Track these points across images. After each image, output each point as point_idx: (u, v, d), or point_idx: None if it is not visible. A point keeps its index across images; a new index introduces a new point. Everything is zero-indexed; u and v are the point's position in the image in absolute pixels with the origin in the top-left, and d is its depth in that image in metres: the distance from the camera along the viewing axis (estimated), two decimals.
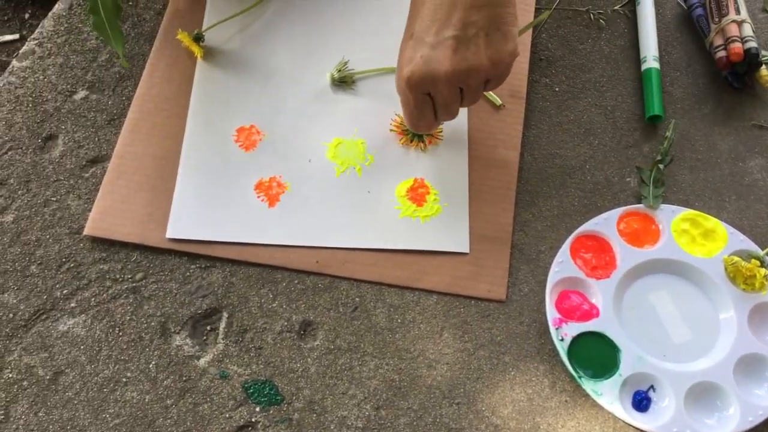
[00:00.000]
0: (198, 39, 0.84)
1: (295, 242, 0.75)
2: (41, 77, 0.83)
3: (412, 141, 0.80)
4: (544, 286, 0.73)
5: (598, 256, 0.75)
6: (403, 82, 0.68)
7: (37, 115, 0.81)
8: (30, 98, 0.81)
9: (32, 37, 0.85)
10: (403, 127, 0.81)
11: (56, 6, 0.87)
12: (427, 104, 0.69)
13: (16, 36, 1.31)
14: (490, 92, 0.82)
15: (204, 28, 0.86)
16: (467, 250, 0.75)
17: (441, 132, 0.81)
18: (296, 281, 0.74)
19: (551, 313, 0.71)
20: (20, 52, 0.84)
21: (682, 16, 0.91)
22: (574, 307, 0.72)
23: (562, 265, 0.74)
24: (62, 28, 0.86)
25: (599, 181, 0.80)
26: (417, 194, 0.78)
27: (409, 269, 0.75)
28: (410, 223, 0.76)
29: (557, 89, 0.85)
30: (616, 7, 0.90)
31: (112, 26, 0.74)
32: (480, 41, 0.65)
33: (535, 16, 0.88)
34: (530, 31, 0.87)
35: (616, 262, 0.74)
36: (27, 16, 1.32)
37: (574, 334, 0.70)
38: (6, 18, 1.32)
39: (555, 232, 0.77)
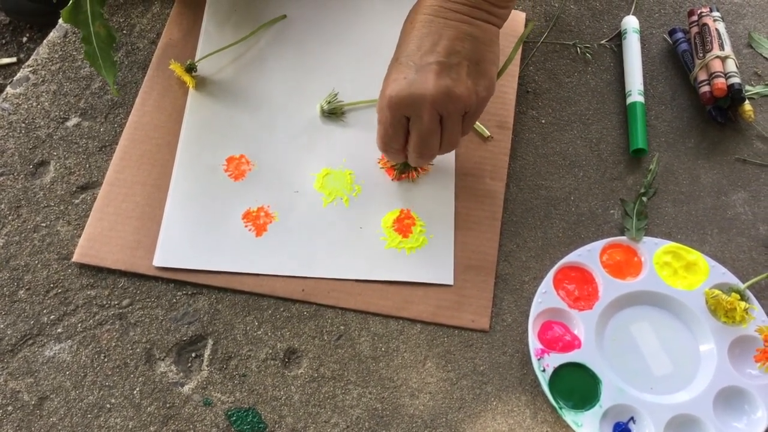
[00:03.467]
0: (190, 69, 0.85)
1: (281, 272, 0.76)
2: (34, 104, 0.84)
3: (402, 174, 0.81)
4: (527, 317, 0.74)
5: (581, 287, 0.76)
6: (386, 100, 0.69)
7: (29, 141, 0.82)
8: (23, 124, 0.83)
9: (27, 64, 0.87)
10: (389, 163, 0.81)
11: (51, 34, 0.89)
12: (401, 127, 0.70)
13: (14, 59, 1.33)
14: (478, 123, 0.83)
15: (197, 58, 0.87)
16: (451, 282, 0.76)
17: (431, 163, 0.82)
18: (282, 309, 0.75)
19: (534, 344, 0.72)
20: (14, 79, 0.86)
21: (668, 50, 0.92)
22: (557, 337, 0.73)
23: (545, 296, 0.74)
24: (56, 56, 0.87)
25: (583, 212, 0.81)
26: (403, 225, 0.79)
27: (393, 298, 0.75)
28: (396, 254, 0.77)
29: (543, 121, 0.87)
30: (602, 41, 0.92)
31: (104, 56, 0.75)
32: (462, 70, 0.68)
33: (523, 50, 0.90)
34: (518, 62, 0.88)
35: (599, 294, 0.75)
36: (25, 39, 1.34)
37: (556, 364, 0.71)
38: (4, 41, 1.34)
39: (539, 263, 0.78)
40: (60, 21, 0.90)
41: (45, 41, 0.89)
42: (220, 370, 0.72)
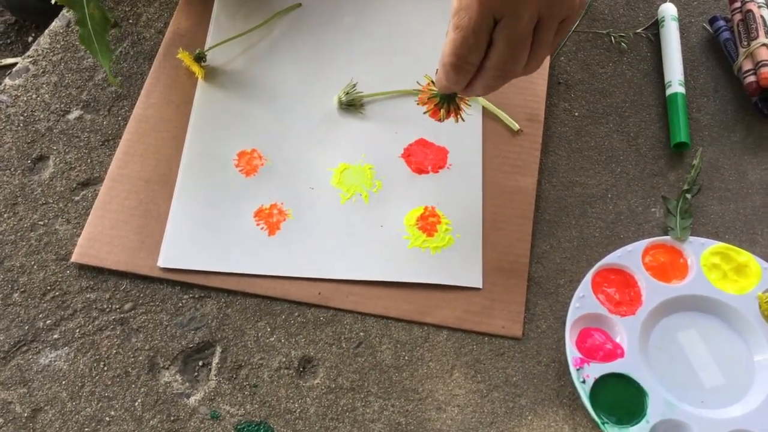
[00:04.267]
0: (199, 59, 0.80)
1: (296, 273, 0.70)
2: (34, 96, 0.79)
3: (441, 109, 0.65)
4: (564, 323, 0.67)
5: (621, 291, 0.69)
6: None
7: (27, 135, 0.77)
8: (21, 117, 0.77)
9: (27, 54, 0.82)
10: (431, 92, 0.65)
11: (53, 23, 0.84)
12: (487, 33, 0.54)
13: (18, 59, 1.28)
14: (507, 116, 0.77)
15: (207, 47, 0.82)
16: (480, 285, 0.70)
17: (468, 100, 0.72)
18: (296, 314, 0.69)
19: (572, 353, 0.66)
20: (13, 70, 0.81)
21: (708, 39, 0.86)
22: (597, 346, 0.67)
23: (584, 301, 0.68)
24: (58, 46, 0.82)
25: (622, 211, 0.75)
26: (427, 223, 0.73)
27: (417, 302, 0.69)
28: (419, 254, 0.71)
29: (577, 114, 0.81)
30: (638, 30, 0.86)
31: (99, 39, 0.70)
32: None
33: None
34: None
35: (642, 298, 0.69)
36: (30, 39, 1.29)
37: (597, 375, 0.65)
38: (9, 41, 1.30)
39: (575, 265, 0.72)
40: (63, 11, 0.85)
41: (47, 31, 0.84)
42: (229, 380, 0.66)
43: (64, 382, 0.65)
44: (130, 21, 0.85)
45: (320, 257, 0.71)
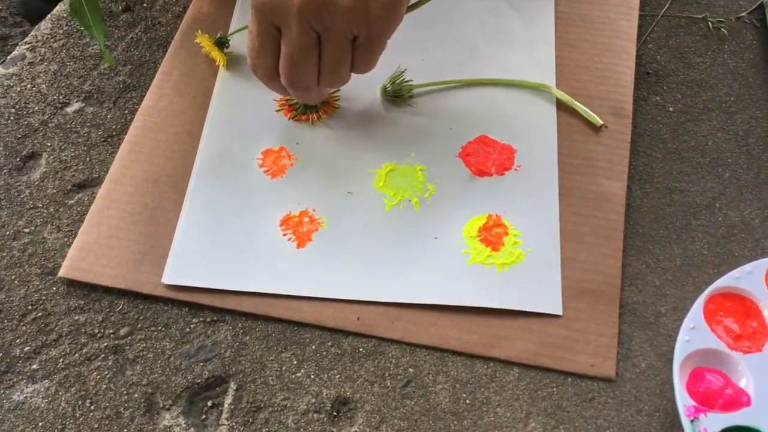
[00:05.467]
0: (221, 44, 0.68)
1: (329, 294, 0.57)
2: (29, 86, 0.68)
3: (304, 114, 0.66)
4: (670, 362, 0.53)
5: (742, 322, 0.55)
6: (253, 4, 0.55)
7: (18, 129, 0.65)
8: (12, 110, 0.66)
9: (25, 41, 0.71)
10: (290, 100, 0.66)
11: (57, 7, 0.73)
12: (271, 40, 0.56)
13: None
14: (587, 109, 0.64)
15: (231, 31, 0.70)
16: (560, 312, 0.56)
17: (337, 99, 0.66)
18: (329, 343, 0.55)
19: (683, 399, 0.51)
20: (8, 57, 0.70)
21: None
22: (715, 391, 0.52)
23: (695, 333, 0.53)
24: (61, 32, 0.71)
25: (734, 223, 0.61)
26: (492, 235, 0.59)
27: (480, 332, 0.55)
28: (483, 272, 0.57)
29: (671, 109, 0.67)
30: (741, 14, 0.72)
31: (92, 9, 0.59)
32: None
33: (640, 28, 0.71)
34: (633, 38, 0.69)
35: None
36: None
37: (718, 429, 0.49)
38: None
39: (679, 289, 0.57)
40: None
41: (49, 15, 0.73)
42: (244, 425, 0.52)
43: (40, 424, 0.52)
44: (145, 5, 0.74)
45: (360, 275, 0.57)
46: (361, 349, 0.55)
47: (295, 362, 0.54)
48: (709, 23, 0.72)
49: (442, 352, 0.55)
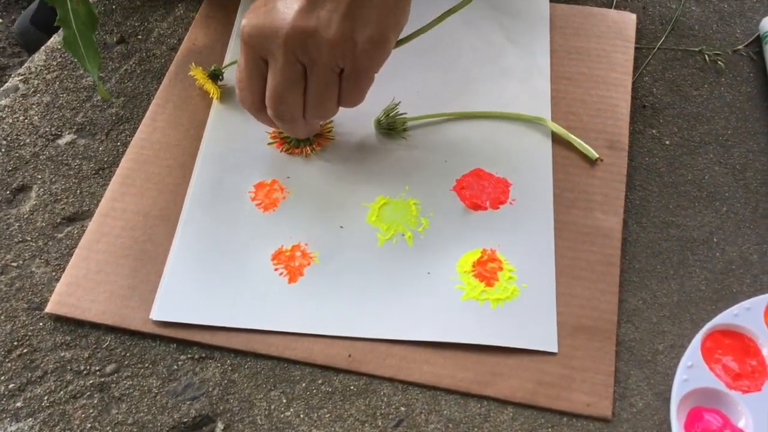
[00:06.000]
0: (216, 76, 0.68)
1: (321, 330, 0.56)
2: (21, 117, 0.67)
3: (297, 147, 0.65)
4: (668, 401, 0.52)
5: (740, 361, 0.53)
6: (241, 35, 0.55)
7: (9, 161, 0.65)
8: (4, 142, 0.66)
9: (18, 72, 0.70)
10: (281, 133, 0.65)
11: (52, 38, 0.73)
12: (257, 73, 0.56)
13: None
14: (582, 142, 0.63)
15: (225, 63, 0.70)
16: (555, 349, 0.55)
17: (330, 131, 0.66)
18: (320, 381, 0.54)
19: None
20: (0, 89, 0.69)
21: None
22: (713, 431, 0.51)
23: (693, 372, 0.52)
24: (54, 63, 0.71)
25: (732, 259, 0.60)
26: (486, 270, 0.58)
27: (475, 370, 0.54)
28: (477, 308, 0.56)
29: (668, 142, 0.66)
30: (737, 47, 0.72)
31: (85, 42, 0.59)
32: (338, 11, 0.52)
33: (636, 61, 0.70)
34: (629, 70, 0.69)
35: None
36: None
37: None
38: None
39: (676, 326, 0.56)
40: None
41: (43, 47, 0.73)
42: None
43: None
44: (140, 37, 0.73)
45: (352, 310, 0.56)
46: (352, 387, 0.54)
47: (285, 401, 0.53)
48: (706, 56, 0.72)
49: (435, 390, 0.54)
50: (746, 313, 0.55)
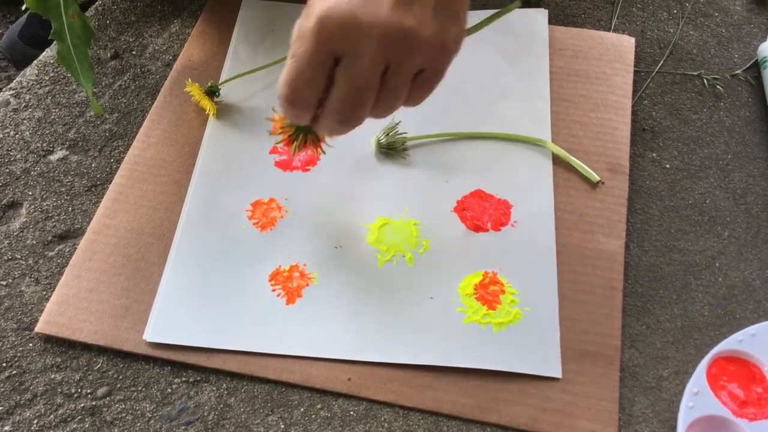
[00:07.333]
0: (212, 93, 0.67)
1: (320, 353, 0.54)
2: (12, 132, 0.66)
3: (296, 140, 0.54)
4: (674, 428, 0.51)
5: (745, 388, 0.53)
6: (314, 22, 0.45)
7: None
8: None
9: (9, 86, 0.69)
10: (286, 128, 0.54)
11: (44, 53, 0.72)
12: (323, 70, 0.47)
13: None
14: (584, 165, 0.63)
15: (221, 80, 0.69)
16: (559, 374, 0.54)
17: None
18: (318, 406, 0.53)
19: None
20: None
21: None
22: None
23: (699, 399, 0.51)
24: (47, 78, 0.70)
25: (735, 284, 0.59)
26: (488, 293, 0.57)
27: (477, 395, 0.53)
28: (479, 331, 0.55)
29: (668, 166, 0.66)
30: (736, 72, 0.72)
31: (80, 56, 0.58)
32: (428, 7, 0.46)
33: (635, 84, 0.70)
34: (628, 93, 0.68)
35: None
36: None
37: None
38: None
39: (680, 351, 0.56)
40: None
41: (35, 61, 0.71)
42: None
43: None
44: (134, 52, 0.72)
45: (351, 333, 0.55)
46: (351, 412, 0.52)
47: (282, 426, 0.52)
48: (705, 80, 0.71)
49: (436, 416, 0.52)
50: (751, 340, 0.54)
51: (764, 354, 0.54)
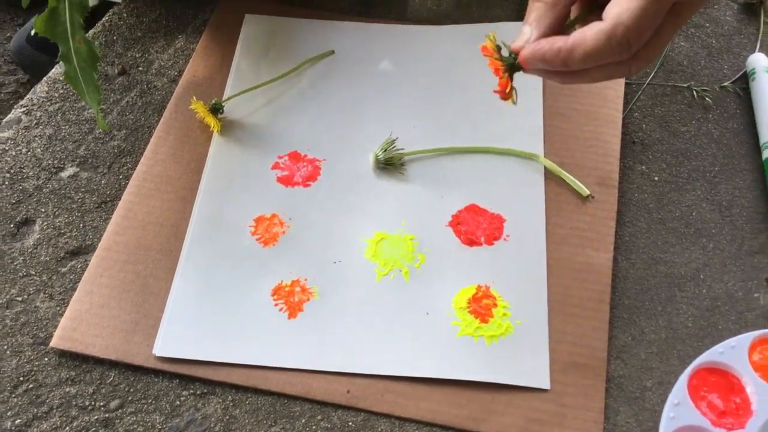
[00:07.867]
0: (216, 110, 0.69)
1: (320, 366, 0.57)
2: (24, 150, 0.68)
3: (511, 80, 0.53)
4: None
5: (725, 398, 0.55)
6: None
7: (13, 194, 0.66)
8: (7, 175, 0.67)
9: (21, 104, 0.72)
10: (496, 57, 0.52)
11: (54, 69, 0.74)
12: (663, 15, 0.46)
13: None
14: (574, 179, 0.65)
15: (225, 97, 0.71)
16: (547, 386, 0.56)
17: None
18: (319, 417, 0.56)
19: None
20: (3, 120, 0.70)
21: None
22: None
23: (679, 410, 0.54)
24: (57, 95, 0.72)
25: (718, 295, 0.62)
26: (481, 306, 0.60)
27: (469, 406, 0.56)
28: (471, 345, 0.58)
29: (656, 178, 0.68)
30: (725, 83, 0.74)
31: (86, 78, 0.61)
32: None
33: (626, 97, 0.72)
34: (619, 107, 0.71)
35: (752, 407, 0.55)
36: None
37: None
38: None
39: (664, 363, 0.58)
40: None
41: (45, 78, 0.74)
42: None
43: None
44: (140, 68, 0.75)
45: (350, 346, 0.58)
46: (350, 423, 0.55)
47: None
48: (694, 92, 0.73)
49: (431, 426, 0.55)
50: (731, 351, 0.57)
51: (743, 366, 0.56)
